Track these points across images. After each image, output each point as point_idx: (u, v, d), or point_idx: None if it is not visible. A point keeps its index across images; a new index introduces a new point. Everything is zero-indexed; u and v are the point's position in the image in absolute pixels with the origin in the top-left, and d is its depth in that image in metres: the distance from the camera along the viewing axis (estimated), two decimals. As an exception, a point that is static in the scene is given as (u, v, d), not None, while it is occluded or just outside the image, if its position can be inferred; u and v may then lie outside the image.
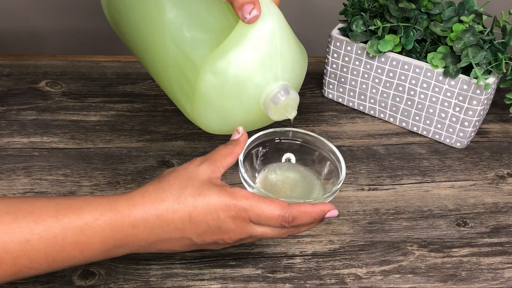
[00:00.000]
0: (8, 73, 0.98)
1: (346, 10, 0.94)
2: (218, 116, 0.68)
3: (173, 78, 0.71)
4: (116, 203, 0.58)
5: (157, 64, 0.74)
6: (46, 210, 0.55)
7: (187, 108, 0.70)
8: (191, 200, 0.59)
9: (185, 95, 0.69)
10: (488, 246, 0.80)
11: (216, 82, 0.65)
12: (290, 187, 0.68)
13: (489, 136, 0.96)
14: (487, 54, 0.86)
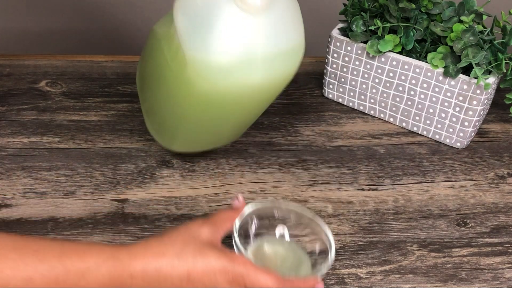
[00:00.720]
0: (8, 73, 0.98)
1: (346, 10, 0.94)
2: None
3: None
4: (118, 252, 0.58)
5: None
6: (51, 250, 0.55)
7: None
8: (191, 258, 0.59)
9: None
10: (488, 246, 0.80)
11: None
12: (281, 260, 0.70)
13: (489, 136, 0.96)
14: (487, 54, 0.86)
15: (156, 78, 0.78)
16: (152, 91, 0.81)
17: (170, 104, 0.78)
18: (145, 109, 0.86)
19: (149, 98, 0.83)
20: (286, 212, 0.71)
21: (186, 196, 0.82)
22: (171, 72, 0.73)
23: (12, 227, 0.76)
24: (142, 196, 0.81)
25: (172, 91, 0.76)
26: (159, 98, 0.80)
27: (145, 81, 0.83)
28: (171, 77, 0.74)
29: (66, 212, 0.79)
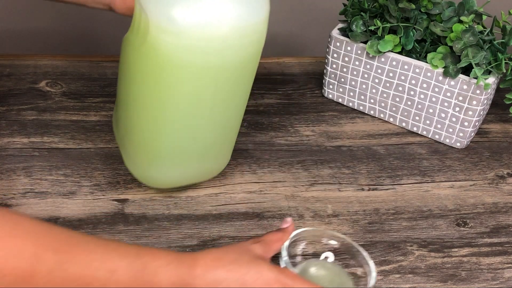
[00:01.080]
0: (8, 73, 0.98)
1: (346, 10, 0.94)
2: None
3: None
4: (183, 256, 0.63)
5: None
6: (129, 249, 0.60)
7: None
8: (245, 265, 0.64)
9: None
10: (488, 246, 0.80)
11: None
12: (325, 282, 0.72)
13: (489, 136, 0.96)
14: (487, 54, 0.86)
15: (126, 82, 0.74)
16: (125, 100, 0.75)
17: (145, 102, 0.72)
18: (120, 136, 0.80)
19: (122, 112, 0.77)
20: (331, 238, 0.74)
21: (186, 196, 0.82)
22: (137, 52, 0.69)
23: (12, 227, 0.76)
24: (142, 196, 0.81)
25: (144, 79, 0.70)
26: (132, 103, 0.74)
27: (120, 100, 0.78)
28: (137, 60, 0.70)
29: (66, 212, 0.79)
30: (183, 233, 0.77)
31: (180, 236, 0.77)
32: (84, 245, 0.57)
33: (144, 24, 0.66)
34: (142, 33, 0.66)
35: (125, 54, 0.72)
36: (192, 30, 0.63)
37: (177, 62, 0.66)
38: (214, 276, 0.62)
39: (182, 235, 0.77)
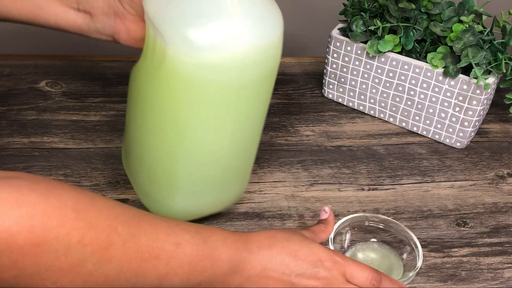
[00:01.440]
0: (8, 73, 0.98)
1: (346, 10, 0.94)
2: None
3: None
4: (236, 233, 0.65)
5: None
6: (189, 225, 0.62)
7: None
8: (298, 242, 0.66)
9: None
10: (488, 246, 0.80)
11: None
12: (374, 265, 0.75)
13: (489, 136, 0.96)
14: (487, 54, 0.86)
15: (141, 111, 0.71)
16: (139, 130, 0.72)
17: (163, 129, 0.69)
18: (131, 168, 0.77)
19: (135, 143, 0.74)
20: (376, 222, 0.77)
21: (186, 196, 0.82)
22: (153, 78, 0.67)
23: (12, 227, 0.76)
24: (142, 196, 0.81)
25: (162, 105, 0.68)
26: (148, 132, 0.71)
27: (131, 131, 0.74)
28: (154, 86, 0.67)
29: (66, 212, 0.78)
30: (183, 233, 0.77)
31: (180, 236, 0.77)
32: (150, 220, 0.59)
33: (159, 48, 0.64)
34: (158, 58, 0.65)
35: (138, 83, 0.70)
36: (211, 50, 0.62)
37: (197, 82, 0.64)
38: (268, 251, 0.64)
39: (182, 235, 0.77)
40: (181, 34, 0.61)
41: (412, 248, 0.74)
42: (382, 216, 0.77)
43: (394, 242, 0.76)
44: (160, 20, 0.63)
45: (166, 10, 0.63)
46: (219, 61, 0.63)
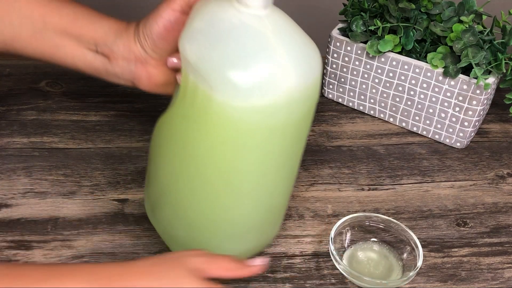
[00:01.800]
0: (8, 73, 0.98)
1: (346, 10, 0.94)
2: None
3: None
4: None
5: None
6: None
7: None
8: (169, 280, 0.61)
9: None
10: (488, 246, 0.80)
11: None
12: (374, 265, 0.75)
13: (489, 136, 0.96)
14: (487, 54, 0.86)
15: (175, 158, 0.67)
16: (175, 176, 0.68)
17: (209, 177, 0.66)
18: (164, 221, 0.72)
19: (168, 195, 0.70)
20: (376, 221, 0.77)
21: (186, 196, 0.82)
22: (193, 125, 0.64)
23: (12, 227, 0.76)
24: (142, 196, 0.81)
25: (207, 152, 0.64)
26: (187, 178, 0.67)
27: (160, 179, 0.70)
28: (196, 134, 0.64)
29: (66, 212, 0.79)
30: (183, 233, 0.77)
31: (180, 236, 0.77)
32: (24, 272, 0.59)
33: (203, 93, 0.61)
34: (200, 104, 0.62)
35: (172, 132, 0.67)
36: (260, 92, 0.60)
37: (245, 126, 0.62)
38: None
39: (182, 235, 0.77)
40: (228, 79, 0.59)
41: (412, 248, 0.75)
42: (382, 216, 0.77)
43: (394, 242, 0.76)
44: (205, 66, 0.60)
45: (210, 56, 0.60)
46: (268, 103, 0.61)
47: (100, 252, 0.74)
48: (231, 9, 0.61)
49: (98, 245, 0.75)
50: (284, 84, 0.61)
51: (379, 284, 0.71)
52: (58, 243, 0.75)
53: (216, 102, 0.60)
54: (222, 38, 0.60)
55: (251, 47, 0.60)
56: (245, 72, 0.60)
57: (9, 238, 0.75)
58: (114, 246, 0.75)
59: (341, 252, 0.76)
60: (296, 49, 0.62)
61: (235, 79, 0.59)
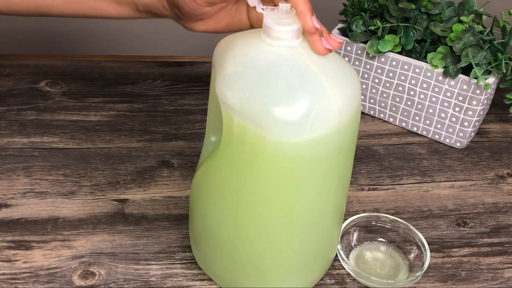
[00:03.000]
0: (8, 73, 0.98)
1: (346, 10, 0.94)
2: None
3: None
4: None
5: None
6: None
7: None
8: None
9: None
10: (488, 246, 0.80)
11: None
12: (380, 265, 0.76)
13: (489, 136, 0.96)
14: (487, 54, 0.86)
15: (229, 206, 0.65)
16: (231, 224, 0.66)
17: (268, 216, 0.64)
18: (221, 268, 0.70)
19: (226, 240, 0.68)
20: (384, 222, 0.78)
21: (186, 196, 0.82)
22: (244, 168, 0.62)
23: (12, 227, 0.76)
24: (142, 196, 0.82)
25: (263, 192, 0.63)
26: (246, 223, 0.65)
27: (212, 229, 0.68)
28: (248, 176, 0.62)
29: (66, 212, 0.79)
30: (183, 233, 0.77)
31: (180, 236, 0.77)
32: None
33: (254, 136, 0.59)
34: (251, 146, 0.60)
35: (220, 180, 0.64)
36: (315, 127, 0.58)
37: (303, 159, 0.60)
38: None
39: (182, 235, 0.77)
40: (281, 117, 0.58)
41: (420, 248, 0.75)
42: (390, 216, 0.78)
43: (401, 242, 0.77)
44: (253, 109, 0.58)
45: (256, 97, 0.58)
46: (323, 133, 0.59)
47: (100, 252, 0.74)
48: (263, 45, 0.59)
49: (98, 245, 0.75)
50: (335, 111, 0.59)
51: (386, 284, 0.72)
52: (58, 243, 0.75)
53: (270, 141, 0.59)
54: (263, 77, 0.58)
55: (295, 80, 0.58)
56: (297, 107, 0.58)
57: (8, 238, 0.75)
58: (114, 246, 0.75)
59: (348, 252, 0.76)
60: (337, 73, 0.60)
61: (288, 116, 0.58)
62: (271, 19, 0.59)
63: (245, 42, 0.61)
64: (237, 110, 0.59)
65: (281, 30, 0.59)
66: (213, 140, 0.69)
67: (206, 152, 0.69)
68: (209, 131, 0.69)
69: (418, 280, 0.75)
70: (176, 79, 1.00)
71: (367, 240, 0.77)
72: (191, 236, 0.73)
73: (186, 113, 0.94)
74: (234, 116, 0.60)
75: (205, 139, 0.70)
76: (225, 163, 0.63)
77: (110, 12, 0.73)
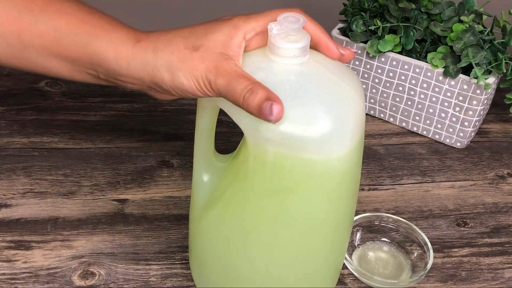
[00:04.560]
0: (8, 73, 0.98)
1: (346, 10, 0.94)
2: None
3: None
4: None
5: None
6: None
7: None
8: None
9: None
10: (488, 246, 0.80)
11: None
12: (383, 265, 0.76)
13: (489, 136, 0.96)
14: (487, 54, 0.86)
15: (262, 237, 0.62)
16: (263, 256, 0.63)
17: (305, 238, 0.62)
18: None
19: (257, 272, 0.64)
20: (387, 221, 0.78)
21: (186, 196, 0.82)
22: (270, 193, 0.59)
23: (12, 227, 0.76)
24: (142, 196, 0.81)
25: (301, 218, 0.60)
26: (284, 252, 0.62)
27: (240, 267, 0.65)
28: (272, 201, 0.59)
29: (66, 212, 0.79)
30: (183, 233, 0.77)
31: (180, 236, 0.77)
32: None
33: (294, 161, 0.57)
34: (292, 174, 0.58)
35: (257, 214, 0.61)
36: (351, 133, 0.57)
37: (345, 173, 0.59)
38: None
39: (182, 235, 0.77)
40: (328, 137, 0.56)
41: (422, 248, 0.75)
42: (393, 216, 0.78)
43: (404, 242, 0.77)
44: (293, 135, 0.56)
45: (295, 123, 0.56)
46: (357, 142, 0.59)
47: (100, 252, 0.74)
48: (277, 66, 0.57)
49: (98, 245, 0.75)
50: (363, 114, 0.59)
51: (389, 284, 0.72)
52: (58, 243, 0.75)
53: (318, 162, 0.57)
54: (294, 99, 0.56)
55: (325, 93, 0.57)
56: (339, 121, 0.56)
57: (8, 238, 0.75)
58: (113, 246, 0.75)
59: (351, 252, 0.76)
60: (349, 78, 0.59)
61: (335, 131, 0.56)
62: (281, 38, 0.56)
63: (254, 68, 0.58)
64: (275, 141, 0.56)
65: (294, 47, 0.56)
66: (206, 179, 0.65)
67: (201, 191, 0.65)
68: (200, 169, 0.65)
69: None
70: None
71: (370, 240, 0.78)
72: (201, 277, 0.70)
73: (186, 113, 0.94)
74: (269, 146, 0.57)
75: (194, 178, 0.66)
76: (256, 196, 0.60)
77: (63, 74, 0.65)
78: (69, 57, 0.62)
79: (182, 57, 0.58)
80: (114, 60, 0.60)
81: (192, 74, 0.57)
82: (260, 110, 0.54)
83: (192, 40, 0.58)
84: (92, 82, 0.65)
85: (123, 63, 0.60)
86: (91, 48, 0.61)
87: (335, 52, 0.60)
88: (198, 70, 0.57)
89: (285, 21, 0.57)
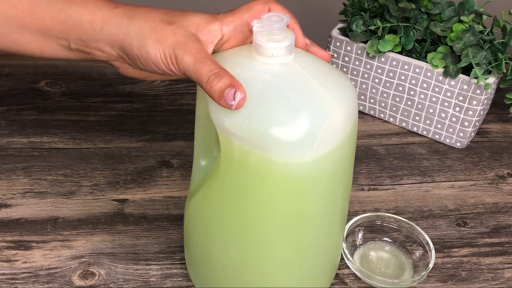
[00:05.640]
0: (8, 73, 0.98)
1: (346, 10, 0.94)
2: None
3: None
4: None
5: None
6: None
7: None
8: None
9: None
10: (488, 246, 0.80)
11: None
12: (385, 265, 0.76)
13: (489, 136, 0.96)
14: (487, 54, 0.86)
15: (233, 232, 0.62)
16: (237, 251, 0.64)
17: (279, 237, 0.62)
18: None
19: (235, 267, 0.65)
20: (389, 221, 0.78)
21: (186, 196, 0.82)
22: (250, 193, 0.59)
23: (12, 227, 0.76)
24: (142, 196, 0.81)
25: (273, 216, 0.60)
26: (254, 249, 0.63)
27: (217, 260, 0.66)
28: (253, 202, 0.60)
29: (66, 212, 0.79)
30: (183, 233, 0.77)
31: (180, 236, 0.77)
32: None
33: (257, 160, 0.57)
34: (256, 170, 0.57)
35: (222, 205, 0.62)
36: (320, 141, 0.56)
37: (312, 178, 0.58)
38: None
39: (182, 235, 0.77)
40: (288, 138, 0.55)
41: (424, 247, 0.75)
42: (395, 216, 0.78)
43: (406, 242, 0.77)
44: (255, 133, 0.55)
45: (259, 121, 0.55)
46: (329, 149, 0.57)
47: (100, 252, 0.74)
48: (256, 64, 0.57)
49: (98, 245, 0.75)
50: (340, 126, 0.57)
51: (391, 284, 0.72)
52: (58, 243, 0.75)
53: (277, 164, 0.56)
54: (262, 98, 0.56)
55: (297, 98, 0.56)
56: (303, 128, 0.55)
57: (8, 238, 0.75)
58: (113, 246, 0.75)
59: (353, 251, 0.76)
60: (335, 86, 0.58)
61: (295, 138, 0.55)
62: (262, 36, 0.56)
63: (236, 62, 0.58)
64: (238, 136, 0.56)
65: (274, 47, 0.56)
66: (203, 165, 0.66)
67: (197, 177, 0.66)
68: (198, 155, 0.66)
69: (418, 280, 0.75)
70: (175, 79, 1.00)
71: (371, 240, 0.78)
72: (188, 260, 0.71)
73: (186, 113, 0.94)
74: (234, 141, 0.57)
75: (194, 163, 0.67)
76: (226, 188, 0.60)
77: (32, 50, 0.64)
78: (41, 26, 0.62)
79: (155, 27, 0.59)
80: (88, 24, 0.61)
81: (160, 44, 0.58)
82: (222, 94, 0.55)
83: (169, 16, 0.60)
84: (61, 56, 0.65)
85: (97, 26, 0.61)
86: (66, 13, 0.61)
87: (324, 54, 0.62)
88: (167, 41, 0.58)
89: (267, 20, 0.56)
